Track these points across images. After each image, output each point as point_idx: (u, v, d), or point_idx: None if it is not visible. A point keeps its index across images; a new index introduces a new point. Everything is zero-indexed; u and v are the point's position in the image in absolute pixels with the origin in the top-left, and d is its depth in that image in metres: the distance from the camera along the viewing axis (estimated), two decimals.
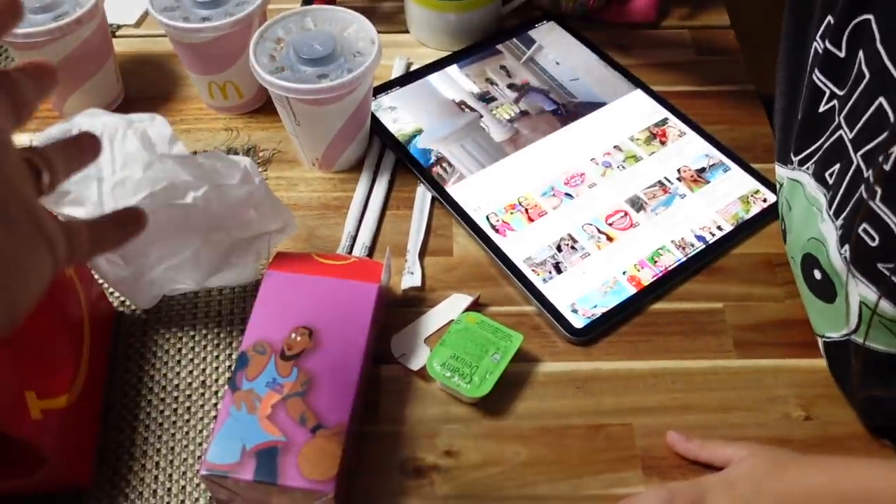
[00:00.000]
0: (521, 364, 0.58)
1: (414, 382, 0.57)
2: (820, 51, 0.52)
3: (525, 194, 0.67)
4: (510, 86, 0.76)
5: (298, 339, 0.52)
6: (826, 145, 0.53)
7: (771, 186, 0.68)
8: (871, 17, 0.46)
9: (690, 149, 0.71)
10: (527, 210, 0.66)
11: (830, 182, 0.52)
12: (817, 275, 0.54)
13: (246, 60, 0.63)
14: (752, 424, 0.55)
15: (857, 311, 0.50)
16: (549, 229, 0.65)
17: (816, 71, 0.53)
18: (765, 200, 0.67)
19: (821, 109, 0.53)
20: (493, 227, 0.65)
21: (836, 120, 0.51)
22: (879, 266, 0.46)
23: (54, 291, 0.51)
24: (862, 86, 0.47)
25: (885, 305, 0.46)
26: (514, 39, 0.80)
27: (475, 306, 0.61)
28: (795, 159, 0.58)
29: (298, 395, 0.49)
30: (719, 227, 0.65)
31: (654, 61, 0.80)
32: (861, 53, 0.47)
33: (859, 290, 0.49)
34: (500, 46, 0.80)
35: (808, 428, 0.55)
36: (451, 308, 0.61)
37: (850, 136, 0.49)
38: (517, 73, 0.77)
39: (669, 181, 0.68)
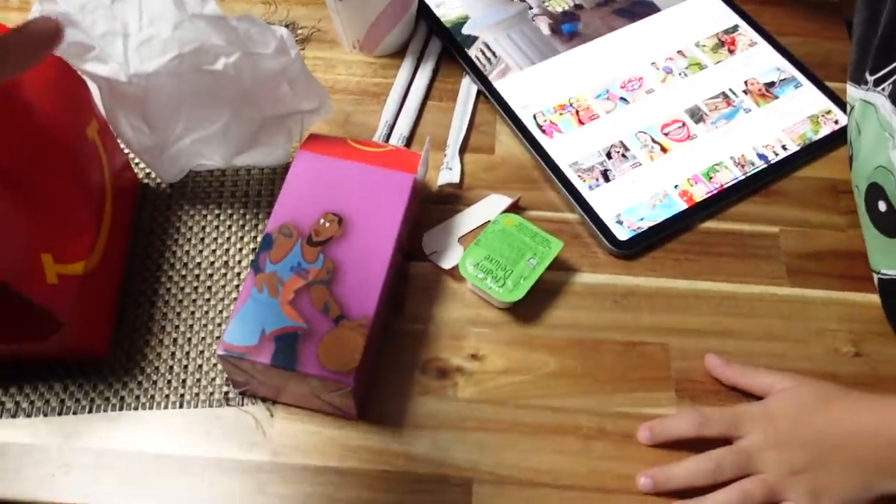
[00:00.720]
0: (558, 273, 0.55)
1: (444, 282, 0.55)
2: None
3: (577, 95, 0.63)
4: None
5: (327, 225, 0.49)
6: None
7: (844, 107, 0.62)
8: None
9: (760, 60, 0.65)
10: (577, 112, 0.62)
11: None
12: (882, 206, 0.50)
13: None
14: (797, 356, 0.52)
15: None
16: (599, 134, 0.60)
17: None
18: (836, 122, 0.62)
19: None
20: (539, 127, 0.61)
21: None
22: None
23: (77, 156, 0.48)
24: None
25: None
26: None
27: (514, 208, 0.58)
28: (871, 79, 0.52)
29: (323, 283, 0.47)
30: (784, 147, 0.60)
31: None
32: None
33: None
34: None
35: (857, 364, 0.52)
36: (488, 208, 0.57)
37: None
38: None
39: (734, 93, 0.63)
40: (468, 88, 0.64)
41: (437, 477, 0.47)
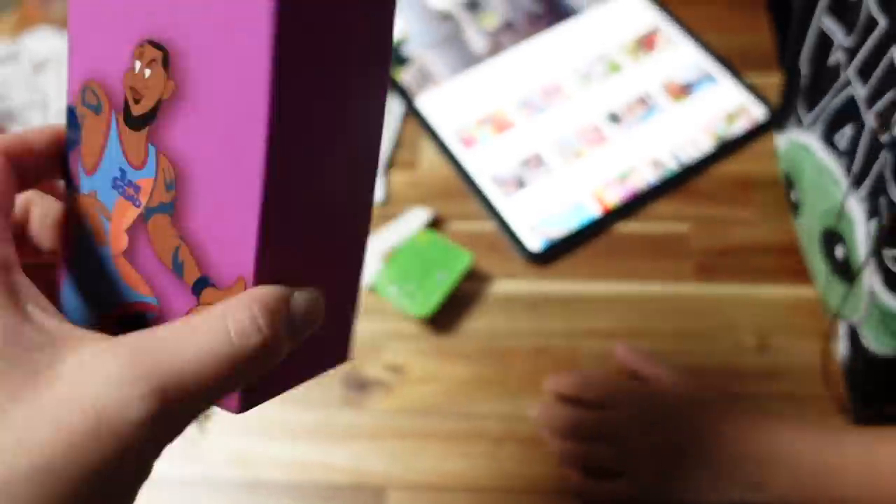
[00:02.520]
0: (475, 283, 0.58)
1: (366, 296, 0.58)
2: None
3: (497, 107, 0.65)
4: None
5: (147, 71, 0.24)
6: (834, 103, 0.48)
7: (761, 101, 0.63)
8: None
9: (678, 58, 0.66)
10: (497, 123, 0.64)
11: (842, 147, 0.47)
12: (839, 252, 0.49)
13: None
14: (702, 352, 0.54)
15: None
16: (517, 144, 0.63)
17: (823, 15, 0.48)
18: (752, 117, 0.63)
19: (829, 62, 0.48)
20: (460, 140, 0.63)
21: (843, 74, 0.46)
22: None
23: None
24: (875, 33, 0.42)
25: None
26: None
27: (434, 222, 0.60)
28: (804, 119, 0.52)
29: (164, 212, 0.25)
30: (698, 146, 0.62)
31: None
32: None
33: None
34: None
35: (760, 357, 0.54)
36: (407, 223, 0.60)
37: (863, 93, 0.44)
38: None
39: (650, 95, 0.64)
40: (391, 107, 0.67)
41: (353, 485, 0.51)
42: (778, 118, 0.58)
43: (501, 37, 0.69)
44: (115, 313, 0.26)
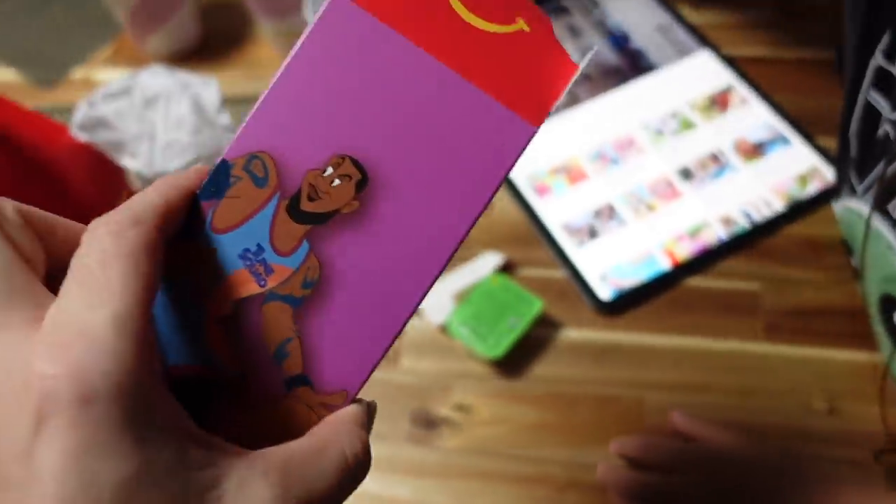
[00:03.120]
0: (545, 328, 0.59)
1: (436, 335, 0.59)
2: (877, 68, 0.48)
3: (571, 157, 0.67)
4: (576, 48, 0.74)
5: (336, 182, 0.25)
6: (885, 173, 0.49)
7: (833, 164, 0.64)
8: None
9: (751, 118, 0.67)
10: (570, 173, 0.65)
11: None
12: None
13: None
14: (769, 412, 0.54)
15: None
16: (590, 194, 0.64)
17: (870, 89, 0.49)
18: (824, 180, 0.64)
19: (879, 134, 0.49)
20: (533, 188, 0.65)
21: (893, 146, 0.47)
22: None
23: None
24: None
25: None
26: None
27: (506, 267, 0.62)
28: (858, 187, 0.53)
29: (291, 303, 0.25)
30: (769, 205, 0.62)
31: (729, 21, 0.76)
32: None
33: None
34: (567, 3, 0.77)
35: (830, 421, 0.54)
36: (480, 266, 0.62)
37: None
38: (584, 33, 0.75)
39: (723, 152, 0.66)
40: None
41: None
42: (834, 186, 0.58)
43: (578, 88, 0.71)
44: (182, 369, 0.25)
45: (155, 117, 0.53)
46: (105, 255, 0.21)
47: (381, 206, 0.25)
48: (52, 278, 0.22)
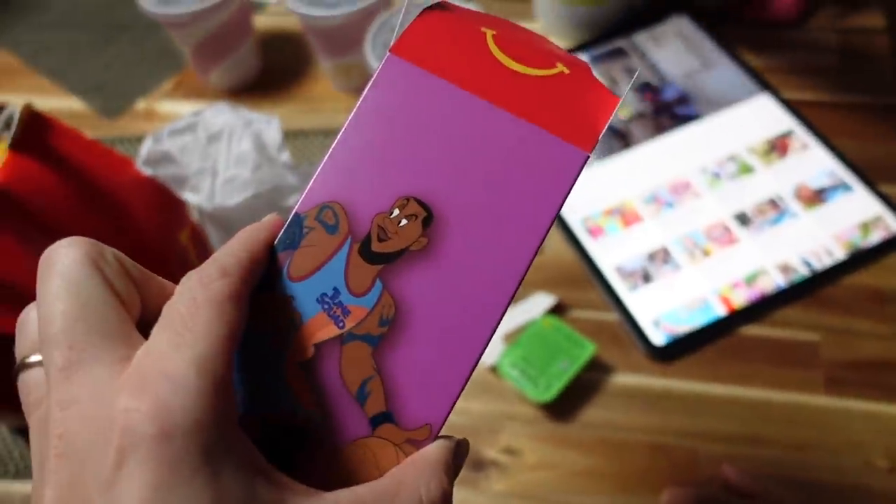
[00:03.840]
0: (596, 372, 0.58)
1: (485, 375, 0.59)
2: None
3: (625, 199, 0.66)
4: (632, 88, 0.74)
5: (403, 222, 0.26)
6: None
7: None
8: None
9: (812, 164, 0.66)
10: (624, 215, 0.65)
11: None
12: None
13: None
14: (828, 468, 0.53)
15: None
16: (644, 237, 0.64)
17: None
18: (887, 228, 0.62)
19: None
20: (587, 229, 0.65)
21: None
22: None
23: (168, 257, 0.57)
24: None
25: None
26: (641, 34, 0.78)
27: (557, 308, 0.61)
28: None
29: (369, 342, 0.26)
30: (830, 254, 0.61)
31: (790, 65, 0.75)
32: None
33: None
34: (624, 45, 0.77)
35: (891, 480, 0.52)
36: (531, 307, 0.61)
37: None
38: (641, 75, 0.75)
39: (782, 198, 0.64)
40: None
41: None
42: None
43: (633, 129, 0.70)
44: (264, 417, 0.26)
45: (217, 153, 0.54)
46: (194, 303, 0.22)
47: (448, 241, 0.26)
48: (146, 325, 0.23)
